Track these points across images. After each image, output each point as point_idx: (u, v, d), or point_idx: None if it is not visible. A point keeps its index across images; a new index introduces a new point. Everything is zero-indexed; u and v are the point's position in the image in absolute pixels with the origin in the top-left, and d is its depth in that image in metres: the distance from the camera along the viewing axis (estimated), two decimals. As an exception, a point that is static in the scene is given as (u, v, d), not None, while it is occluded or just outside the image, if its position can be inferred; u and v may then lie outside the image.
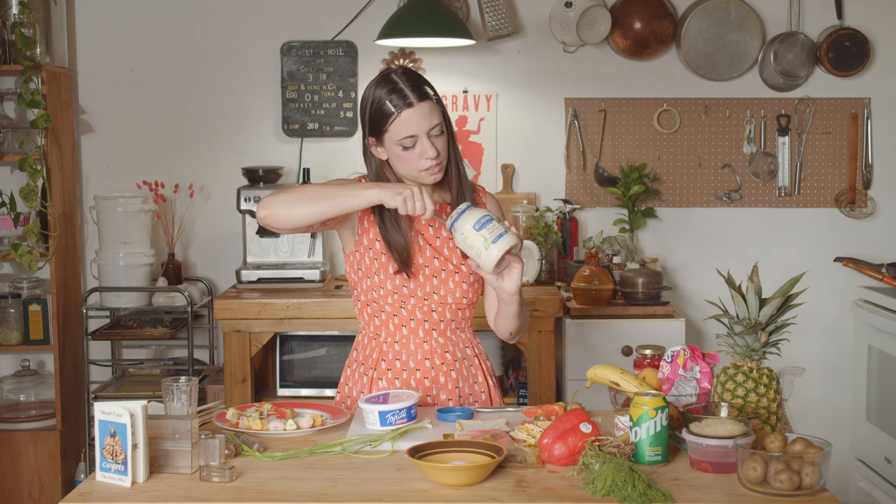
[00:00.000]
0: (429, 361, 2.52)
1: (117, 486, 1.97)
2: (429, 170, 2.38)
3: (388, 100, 2.35)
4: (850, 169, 4.30)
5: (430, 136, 2.37)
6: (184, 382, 2.09)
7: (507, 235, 2.22)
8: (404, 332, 2.52)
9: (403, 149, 2.37)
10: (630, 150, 4.32)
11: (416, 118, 2.34)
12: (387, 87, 2.37)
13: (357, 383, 2.56)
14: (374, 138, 2.42)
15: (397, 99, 2.34)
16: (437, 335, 2.53)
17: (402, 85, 2.36)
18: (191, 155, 4.34)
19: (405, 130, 2.35)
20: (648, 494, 1.85)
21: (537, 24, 4.27)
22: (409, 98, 2.34)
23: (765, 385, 2.13)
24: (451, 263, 2.50)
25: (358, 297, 2.55)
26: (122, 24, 4.31)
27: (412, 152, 2.37)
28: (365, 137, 2.46)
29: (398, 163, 2.41)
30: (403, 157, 2.38)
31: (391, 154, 2.41)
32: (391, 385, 2.51)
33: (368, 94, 2.41)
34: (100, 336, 4.10)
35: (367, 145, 2.46)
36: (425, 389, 2.52)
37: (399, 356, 2.52)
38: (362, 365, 2.56)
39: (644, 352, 2.46)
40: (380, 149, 2.43)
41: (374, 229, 2.47)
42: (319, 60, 4.29)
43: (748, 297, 2.15)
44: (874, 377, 4.00)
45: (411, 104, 2.34)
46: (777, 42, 4.20)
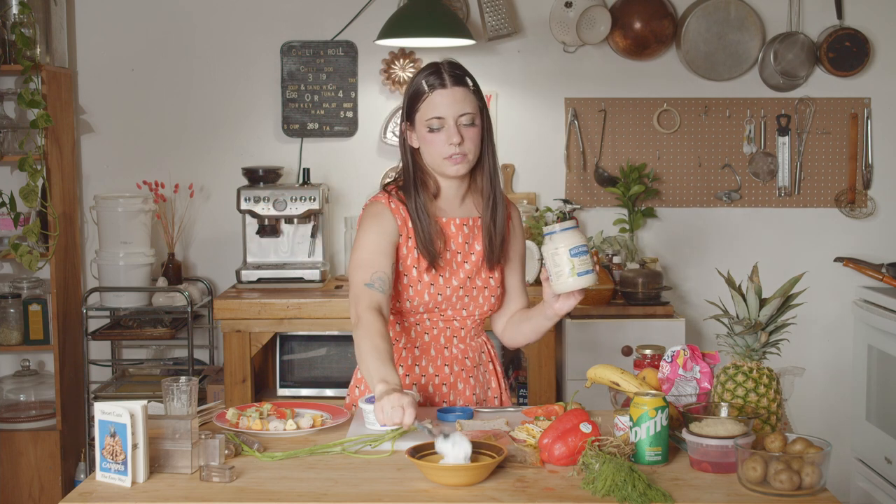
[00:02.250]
0: (448, 368, 2.52)
1: (117, 486, 1.97)
2: (451, 158, 2.38)
3: (426, 80, 2.40)
4: (850, 169, 4.30)
5: (458, 122, 2.38)
6: (184, 382, 2.09)
7: (592, 274, 2.29)
8: (426, 339, 2.51)
9: (430, 130, 2.38)
10: (630, 150, 4.32)
11: (447, 101, 2.37)
12: (428, 70, 2.43)
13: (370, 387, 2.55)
14: (409, 122, 2.44)
15: (433, 80, 2.39)
16: (457, 342, 2.53)
17: (442, 70, 2.41)
18: (191, 155, 4.34)
19: (434, 111, 2.37)
20: (648, 494, 1.85)
21: (537, 24, 4.27)
22: (445, 80, 2.38)
23: (765, 385, 2.13)
24: (479, 279, 2.50)
25: None
26: (122, 24, 4.31)
27: (438, 136, 2.38)
28: (402, 123, 2.48)
29: (425, 147, 2.42)
30: (429, 140, 2.39)
31: (420, 138, 2.42)
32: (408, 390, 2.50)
33: (412, 78, 2.46)
34: (100, 336, 4.10)
35: (403, 131, 2.47)
36: (443, 396, 2.51)
37: (419, 362, 2.51)
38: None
39: (644, 352, 2.46)
40: (413, 134, 2.45)
41: (412, 235, 2.45)
42: (319, 60, 4.29)
43: (748, 297, 2.15)
44: (874, 377, 4.00)
45: (445, 85, 2.38)
46: (777, 42, 4.20)
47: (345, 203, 4.33)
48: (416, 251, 2.43)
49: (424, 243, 2.42)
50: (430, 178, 2.47)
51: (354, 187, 4.34)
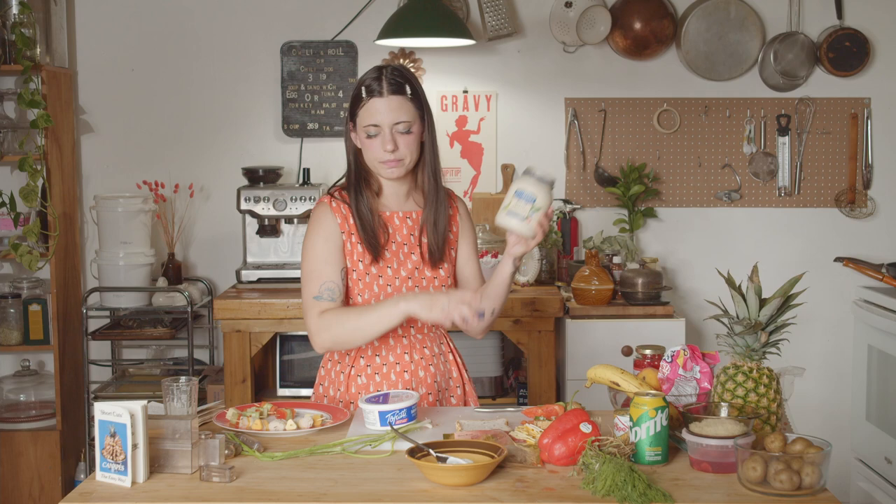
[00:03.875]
0: (408, 356, 2.55)
1: (117, 486, 1.97)
2: (385, 163, 2.46)
3: (365, 86, 2.45)
4: (850, 169, 4.30)
5: (393, 130, 2.44)
6: (184, 382, 2.09)
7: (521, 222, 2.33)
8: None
9: (367, 136, 2.45)
10: (630, 150, 4.32)
11: (382, 109, 2.43)
12: (371, 75, 2.47)
13: (334, 382, 2.57)
14: (352, 122, 2.50)
15: (372, 87, 2.44)
16: (414, 332, 2.57)
17: (383, 76, 2.45)
18: (191, 155, 4.34)
19: (370, 118, 2.44)
20: (648, 494, 1.85)
21: (537, 24, 4.27)
22: (383, 88, 2.43)
23: (765, 385, 2.13)
24: (428, 270, 2.55)
25: None
26: (122, 24, 4.31)
27: (374, 141, 2.45)
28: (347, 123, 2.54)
29: (364, 150, 2.49)
30: (367, 145, 2.47)
31: (360, 139, 2.49)
32: (370, 381, 2.53)
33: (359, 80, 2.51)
34: (100, 336, 4.10)
35: (348, 131, 2.54)
36: (405, 383, 2.54)
37: (379, 352, 2.54)
38: (338, 363, 2.57)
39: (644, 352, 2.46)
40: (353, 134, 2.52)
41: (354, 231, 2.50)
42: (319, 60, 4.29)
43: (748, 297, 2.15)
44: (874, 377, 4.00)
45: (381, 94, 2.42)
46: (777, 42, 4.20)
47: (345, 203, 4.33)
48: (361, 246, 2.48)
49: (367, 236, 2.48)
50: (372, 176, 2.54)
51: (354, 187, 4.33)
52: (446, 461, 1.99)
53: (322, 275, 2.45)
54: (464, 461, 2.00)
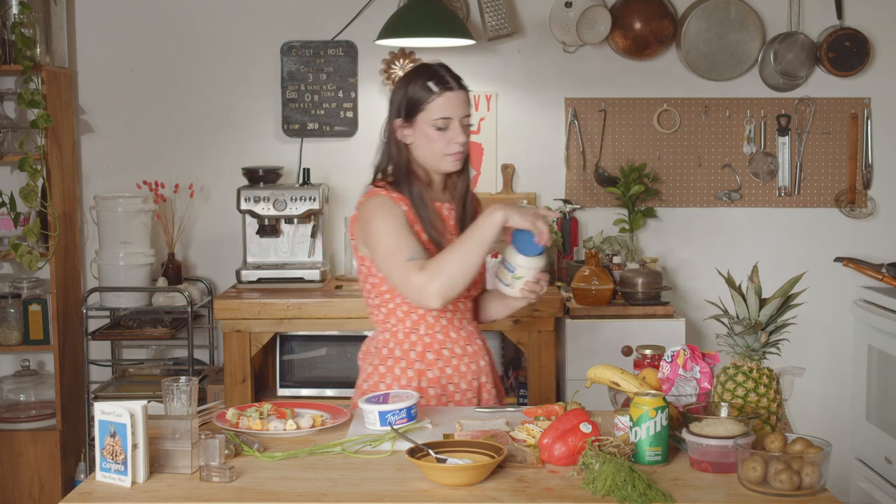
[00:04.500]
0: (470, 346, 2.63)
1: (117, 486, 1.97)
2: (454, 155, 2.52)
3: (431, 81, 2.50)
4: (850, 169, 4.30)
5: (461, 123, 2.52)
6: (184, 382, 2.09)
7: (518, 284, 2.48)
8: (443, 322, 2.59)
9: (437, 129, 2.50)
10: (630, 150, 4.32)
11: (455, 102, 2.50)
12: (428, 72, 2.54)
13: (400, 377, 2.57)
14: (404, 120, 2.53)
15: (440, 81, 2.51)
16: (466, 323, 2.65)
17: (443, 73, 2.53)
18: (191, 155, 4.34)
19: (442, 111, 2.49)
20: (648, 494, 1.85)
21: (537, 24, 4.27)
22: (451, 83, 2.51)
23: (765, 385, 2.13)
24: None
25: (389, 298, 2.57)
26: (122, 24, 4.31)
27: (443, 135, 2.50)
28: (390, 121, 2.56)
29: (426, 144, 2.52)
30: (434, 139, 2.50)
31: (421, 135, 2.52)
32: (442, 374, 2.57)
33: (405, 77, 2.57)
34: (100, 336, 4.10)
35: (393, 128, 2.56)
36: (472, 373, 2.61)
37: (444, 346, 2.59)
38: (402, 360, 2.58)
39: (644, 352, 2.46)
40: (408, 131, 2.54)
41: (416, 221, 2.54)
42: (319, 60, 4.29)
43: (748, 297, 2.15)
44: (874, 377, 4.00)
45: (452, 88, 2.51)
46: (777, 42, 4.20)
47: (345, 203, 4.33)
48: (424, 234, 2.52)
49: (429, 228, 2.53)
50: (421, 169, 2.58)
51: (354, 187, 4.33)
52: (446, 461, 1.99)
53: (406, 242, 2.43)
54: (464, 461, 2.00)
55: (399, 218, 2.48)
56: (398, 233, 2.45)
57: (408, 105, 2.51)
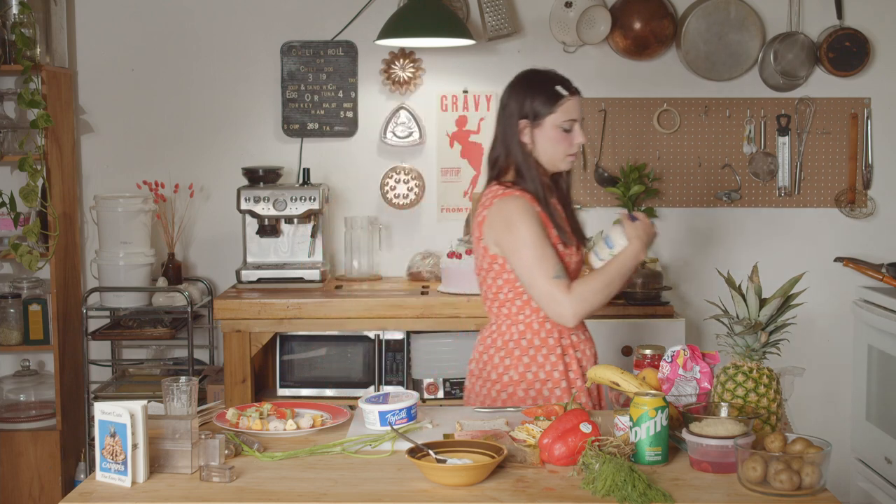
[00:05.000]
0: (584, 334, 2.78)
1: (117, 486, 1.97)
2: (573, 156, 2.71)
3: (560, 85, 2.69)
4: (850, 169, 4.30)
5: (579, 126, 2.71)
6: (184, 382, 2.09)
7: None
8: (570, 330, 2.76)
9: (563, 131, 2.67)
10: (630, 150, 4.32)
11: (577, 106, 2.71)
12: (552, 76, 2.72)
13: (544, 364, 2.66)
14: (531, 121, 2.67)
15: (567, 86, 2.69)
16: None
17: (564, 78, 2.72)
18: (191, 155, 4.34)
19: (569, 114, 2.68)
20: (648, 494, 1.85)
21: (537, 24, 4.27)
22: (572, 88, 2.71)
23: (765, 385, 2.13)
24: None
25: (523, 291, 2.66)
26: (122, 24, 4.30)
27: (567, 136, 2.68)
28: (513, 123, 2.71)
29: (551, 145, 2.68)
30: (559, 140, 2.67)
31: (547, 136, 2.67)
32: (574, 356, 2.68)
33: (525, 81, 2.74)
34: (100, 336, 4.10)
35: (519, 129, 2.69)
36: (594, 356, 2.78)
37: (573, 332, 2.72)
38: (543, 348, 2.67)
39: (644, 352, 2.46)
40: (534, 131, 2.68)
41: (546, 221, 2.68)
42: (319, 60, 4.29)
43: (748, 297, 2.15)
44: (874, 377, 4.00)
45: (576, 92, 2.71)
46: (777, 42, 4.20)
47: (345, 203, 4.33)
48: (554, 231, 2.66)
49: (558, 224, 2.67)
50: (540, 167, 2.71)
51: (354, 187, 4.34)
52: (446, 462, 1.99)
53: (550, 255, 2.59)
54: (464, 461, 2.00)
55: (539, 224, 2.61)
56: (541, 243, 2.59)
57: (536, 107, 2.66)
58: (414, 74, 4.26)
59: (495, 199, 2.66)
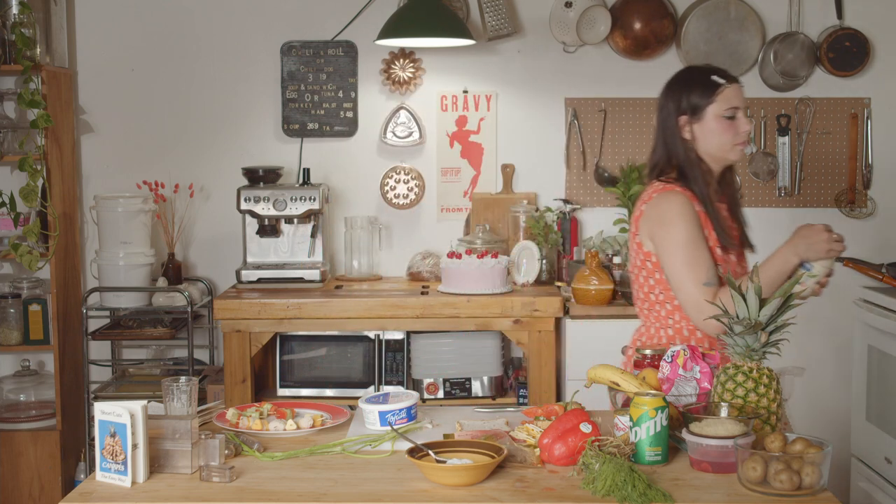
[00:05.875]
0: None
1: (117, 486, 1.97)
2: (741, 144, 2.65)
3: (715, 75, 2.64)
4: (850, 169, 4.30)
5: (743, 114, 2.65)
6: (184, 382, 2.09)
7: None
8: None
9: (726, 119, 2.61)
10: (630, 150, 4.32)
11: (738, 93, 2.66)
12: (706, 68, 2.70)
13: None
14: (690, 116, 2.62)
15: (723, 75, 2.65)
16: None
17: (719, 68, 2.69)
18: (191, 155, 4.34)
19: (730, 101, 2.63)
20: (648, 494, 1.85)
21: (537, 24, 4.27)
22: (730, 76, 2.66)
23: (765, 385, 2.13)
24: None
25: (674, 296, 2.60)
26: (122, 24, 4.30)
27: (732, 124, 2.62)
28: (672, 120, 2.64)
29: (715, 136, 2.62)
30: (722, 130, 2.61)
31: (709, 128, 2.61)
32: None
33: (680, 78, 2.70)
34: (100, 336, 4.10)
35: (680, 126, 2.64)
36: None
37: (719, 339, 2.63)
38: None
39: (644, 352, 2.46)
40: (695, 126, 2.62)
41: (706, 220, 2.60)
42: (319, 60, 4.29)
43: (748, 297, 2.15)
44: (874, 377, 4.00)
45: (734, 80, 2.67)
46: (777, 42, 4.20)
47: (345, 203, 4.33)
48: (714, 233, 2.59)
49: (720, 226, 2.60)
50: (705, 164, 2.65)
51: (354, 187, 4.34)
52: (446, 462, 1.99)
53: (703, 259, 2.51)
54: (464, 461, 2.00)
55: (697, 225, 2.55)
56: (695, 245, 2.52)
57: (694, 101, 2.62)
58: (414, 74, 4.26)
59: (655, 193, 2.61)
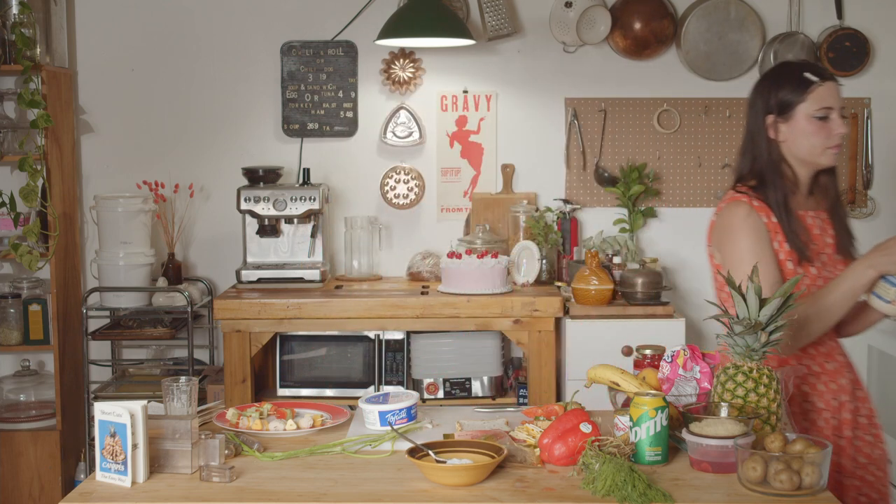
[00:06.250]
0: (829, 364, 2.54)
1: (117, 486, 1.97)
2: (834, 147, 2.46)
3: (808, 72, 2.47)
4: (850, 169, 4.30)
5: (840, 114, 2.47)
6: (184, 382, 2.09)
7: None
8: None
9: (818, 120, 2.44)
10: (630, 150, 4.32)
11: (833, 92, 2.46)
12: (798, 64, 2.53)
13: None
14: (778, 115, 2.48)
15: (817, 72, 2.47)
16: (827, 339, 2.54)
17: (817, 65, 2.53)
18: (191, 155, 4.34)
19: (823, 101, 2.45)
20: (648, 494, 1.85)
21: (537, 24, 4.27)
22: (825, 74, 2.48)
23: (765, 385, 2.13)
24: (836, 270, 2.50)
25: None
26: (122, 24, 4.30)
27: (824, 126, 2.45)
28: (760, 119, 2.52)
29: (806, 137, 2.45)
30: (814, 131, 2.44)
31: (799, 129, 2.46)
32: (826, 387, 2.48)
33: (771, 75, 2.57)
34: (100, 336, 4.10)
35: (766, 126, 2.51)
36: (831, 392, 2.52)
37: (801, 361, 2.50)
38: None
39: (644, 352, 2.46)
40: (783, 126, 2.48)
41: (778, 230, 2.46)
42: (319, 60, 4.29)
43: (748, 297, 2.15)
44: (874, 377, 4.00)
45: (828, 78, 2.47)
46: (777, 42, 4.20)
47: (345, 203, 4.33)
48: (787, 244, 2.43)
49: (792, 238, 2.43)
50: (790, 170, 2.51)
51: (354, 187, 4.34)
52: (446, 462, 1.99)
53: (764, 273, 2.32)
54: (464, 461, 2.00)
55: (759, 236, 2.41)
56: (755, 258, 2.35)
57: (784, 99, 2.47)
58: (414, 74, 4.26)
59: (724, 203, 2.52)
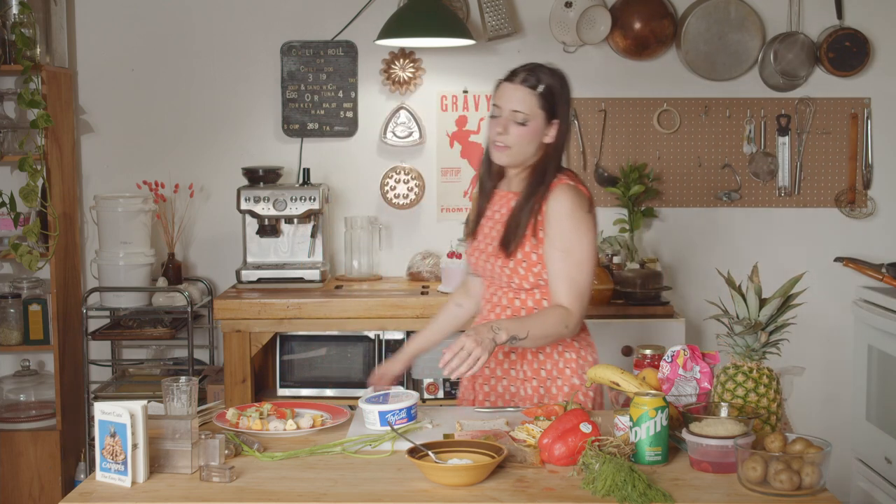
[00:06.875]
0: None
1: (117, 486, 1.97)
2: (493, 144, 2.61)
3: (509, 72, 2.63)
4: (850, 169, 4.30)
5: (510, 117, 2.57)
6: (184, 382, 2.09)
7: None
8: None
9: (490, 116, 2.63)
10: (630, 150, 4.32)
11: (506, 93, 2.59)
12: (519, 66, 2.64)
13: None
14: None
15: (510, 73, 2.62)
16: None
17: (523, 69, 2.62)
18: (191, 155, 4.34)
19: (495, 99, 2.62)
20: (648, 494, 1.85)
21: (537, 24, 4.27)
22: (516, 76, 2.59)
23: (765, 385, 2.13)
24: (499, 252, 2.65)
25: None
26: (122, 24, 4.31)
27: (493, 122, 2.61)
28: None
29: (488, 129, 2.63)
30: (488, 125, 2.64)
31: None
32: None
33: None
34: (100, 336, 4.10)
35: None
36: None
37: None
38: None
39: (644, 352, 2.46)
40: None
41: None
42: (319, 60, 4.29)
43: (748, 297, 2.15)
44: (874, 377, 4.00)
45: (509, 80, 2.60)
46: (777, 42, 4.20)
47: (345, 203, 4.33)
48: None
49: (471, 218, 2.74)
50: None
51: (354, 187, 4.34)
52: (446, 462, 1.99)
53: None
54: (464, 461, 2.00)
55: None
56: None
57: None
58: (414, 74, 4.26)
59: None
